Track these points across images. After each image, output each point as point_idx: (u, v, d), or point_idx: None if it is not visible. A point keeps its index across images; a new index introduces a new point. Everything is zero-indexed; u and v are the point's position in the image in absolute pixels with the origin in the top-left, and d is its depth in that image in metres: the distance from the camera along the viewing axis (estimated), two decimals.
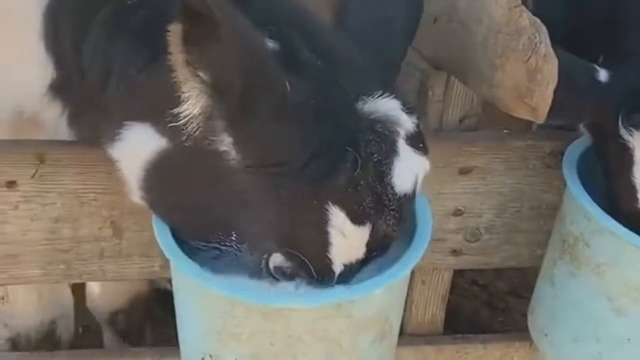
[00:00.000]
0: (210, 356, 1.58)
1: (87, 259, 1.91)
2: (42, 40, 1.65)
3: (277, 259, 1.47)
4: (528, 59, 1.52)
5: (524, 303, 3.14)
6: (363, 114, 1.45)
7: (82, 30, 1.59)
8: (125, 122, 1.54)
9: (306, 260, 1.44)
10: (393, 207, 1.46)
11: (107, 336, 2.45)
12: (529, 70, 1.52)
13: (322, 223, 1.42)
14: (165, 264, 1.94)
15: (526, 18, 1.54)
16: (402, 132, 1.47)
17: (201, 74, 1.35)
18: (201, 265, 1.50)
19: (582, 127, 1.91)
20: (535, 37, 1.51)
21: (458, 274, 2.20)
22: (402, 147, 1.47)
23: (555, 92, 1.52)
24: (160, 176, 1.53)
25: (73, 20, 1.61)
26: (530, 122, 2.18)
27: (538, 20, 1.53)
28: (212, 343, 1.57)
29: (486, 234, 2.08)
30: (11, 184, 1.79)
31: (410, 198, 1.50)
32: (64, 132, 1.77)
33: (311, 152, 1.39)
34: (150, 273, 1.96)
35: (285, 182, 1.40)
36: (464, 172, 1.99)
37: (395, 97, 1.48)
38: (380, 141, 1.44)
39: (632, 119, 1.73)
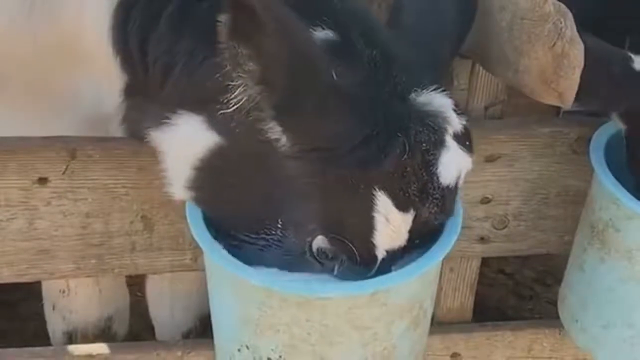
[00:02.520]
0: (247, 347, 1.60)
1: (118, 252, 1.93)
2: (110, 40, 1.68)
3: (320, 242, 1.49)
4: (554, 45, 1.52)
5: (550, 291, 3.16)
6: (416, 104, 1.49)
7: (149, 27, 1.63)
8: (178, 110, 1.57)
9: (350, 245, 1.47)
10: (437, 196, 1.49)
11: None
12: (555, 56, 1.53)
13: (367, 208, 1.45)
14: (195, 257, 1.97)
15: (550, 4, 1.54)
16: (451, 130, 1.50)
17: (249, 65, 1.37)
18: (243, 259, 1.52)
19: (614, 115, 1.90)
20: (561, 23, 1.51)
21: (484, 263, 2.20)
22: (450, 141, 1.50)
23: (590, 80, 1.52)
24: (211, 173, 1.56)
25: (141, 18, 1.64)
26: (556, 111, 2.19)
27: (562, 6, 1.53)
28: (248, 334, 1.58)
29: (514, 221, 2.08)
30: (43, 181, 1.82)
31: (453, 191, 1.53)
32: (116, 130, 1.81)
33: (361, 138, 1.42)
34: (181, 266, 1.98)
35: (334, 167, 1.43)
36: (491, 159, 1.99)
37: (448, 96, 1.51)
38: (429, 132, 1.47)
39: None
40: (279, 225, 1.51)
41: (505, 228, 2.09)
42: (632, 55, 1.77)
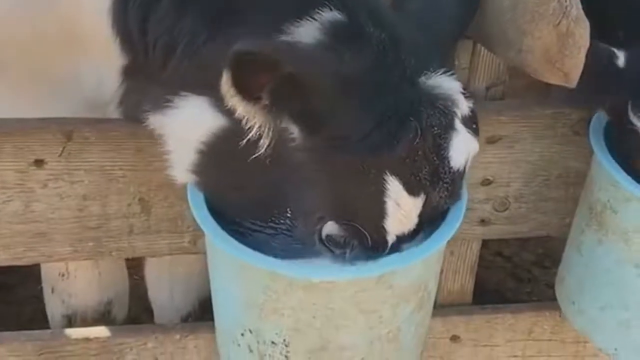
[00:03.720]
0: (251, 331, 1.59)
1: (116, 235, 1.92)
2: (109, 21, 1.65)
3: (330, 228, 1.48)
4: (559, 23, 1.50)
5: (549, 274, 3.15)
6: (426, 87, 1.47)
7: (149, 6, 1.60)
8: (181, 92, 1.55)
9: (362, 230, 1.46)
10: (447, 180, 1.49)
11: None
12: (560, 35, 1.51)
13: (379, 193, 1.44)
14: (194, 239, 1.95)
15: None
16: (459, 113, 1.49)
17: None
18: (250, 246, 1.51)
19: (601, 109, 1.90)
20: (566, 1, 1.49)
21: (483, 245, 2.18)
22: (458, 124, 1.49)
23: None
24: (216, 157, 1.54)
25: None
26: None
27: None
28: (252, 318, 1.58)
29: (515, 203, 2.07)
30: (39, 163, 1.80)
31: (462, 174, 1.53)
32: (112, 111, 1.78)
33: (373, 124, 1.41)
34: (180, 248, 1.97)
35: (346, 154, 1.42)
36: (492, 141, 1.97)
37: (456, 79, 1.50)
38: (440, 116, 1.46)
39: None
40: (288, 213, 1.49)
41: (506, 210, 2.07)
42: (616, 51, 1.76)
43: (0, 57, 1.80)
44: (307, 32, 1.47)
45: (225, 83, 1.35)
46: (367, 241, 1.48)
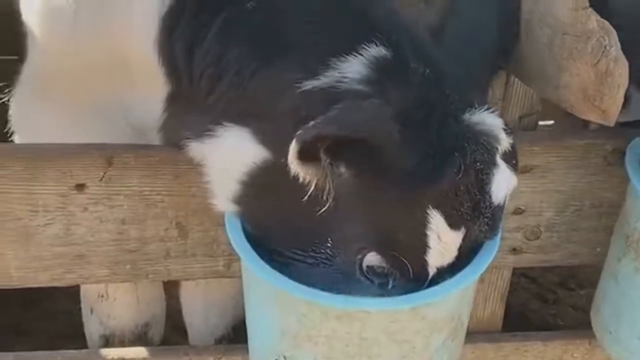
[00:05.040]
0: (285, 357, 1.61)
1: (152, 259, 1.95)
2: (156, 46, 1.68)
3: (371, 259, 1.50)
4: (597, 62, 1.52)
5: (574, 296, 3.15)
6: (469, 123, 1.50)
7: (196, 36, 1.62)
8: (223, 122, 1.57)
9: (405, 262, 1.48)
10: (488, 214, 1.51)
11: None
12: (599, 74, 1.52)
13: (421, 226, 1.47)
14: (229, 264, 1.98)
15: (594, 20, 1.53)
16: (500, 149, 1.51)
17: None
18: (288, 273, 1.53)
19: None
20: (605, 40, 1.50)
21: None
22: (499, 160, 1.51)
23: None
24: (258, 188, 1.56)
25: (188, 27, 1.64)
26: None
27: (607, 23, 1.52)
28: (287, 345, 1.59)
29: (546, 232, 2.08)
30: (80, 187, 1.83)
31: (502, 209, 1.55)
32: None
33: (418, 159, 1.42)
34: (214, 272, 1.99)
35: (390, 188, 1.44)
36: (524, 171, 1.98)
37: (497, 114, 1.53)
38: (483, 151, 1.48)
39: None
40: (329, 243, 1.51)
41: (537, 239, 2.09)
42: None
43: (50, 85, 1.84)
44: (352, 67, 1.49)
45: (292, 157, 1.38)
46: (409, 272, 1.50)
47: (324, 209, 1.45)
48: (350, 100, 1.44)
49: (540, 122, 2.26)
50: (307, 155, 1.38)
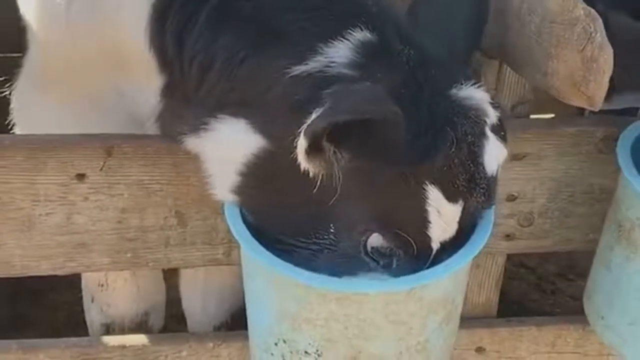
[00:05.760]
0: (284, 341, 1.63)
1: (152, 247, 1.98)
2: (147, 35, 1.69)
3: (375, 240, 1.53)
4: (583, 49, 1.55)
5: (572, 286, 3.18)
6: (457, 99, 1.52)
7: (186, 25, 1.63)
8: (217, 114, 1.59)
9: (409, 239, 1.51)
10: (483, 185, 1.54)
11: None
12: (585, 60, 1.55)
13: (420, 202, 1.50)
14: (228, 251, 2.01)
15: (580, 8, 1.56)
16: (489, 122, 1.55)
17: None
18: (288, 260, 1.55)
19: None
20: (590, 27, 1.53)
21: (506, 257, 2.23)
22: (489, 133, 1.55)
23: (627, 62, 1.54)
24: (257, 177, 1.57)
25: (178, 15, 1.65)
26: (580, 109, 2.22)
27: (592, 11, 1.55)
28: (286, 328, 1.62)
29: (539, 218, 2.11)
30: (81, 177, 1.87)
31: (495, 179, 1.58)
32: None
33: (411, 138, 1.45)
34: (213, 260, 2.02)
35: (387, 169, 1.47)
36: (517, 158, 2.02)
37: (483, 89, 1.56)
38: (472, 125, 1.51)
39: None
40: (331, 228, 1.54)
41: (530, 225, 2.11)
42: None
43: (48, 77, 1.87)
44: (339, 52, 1.52)
45: (301, 154, 1.42)
46: (413, 250, 1.52)
47: (333, 197, 1.47)
48: (342, 85, 1.47)
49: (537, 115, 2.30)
50: (314, 148, 1.41)
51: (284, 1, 1.60)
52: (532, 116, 2.15)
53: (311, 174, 1.46)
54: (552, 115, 3.01)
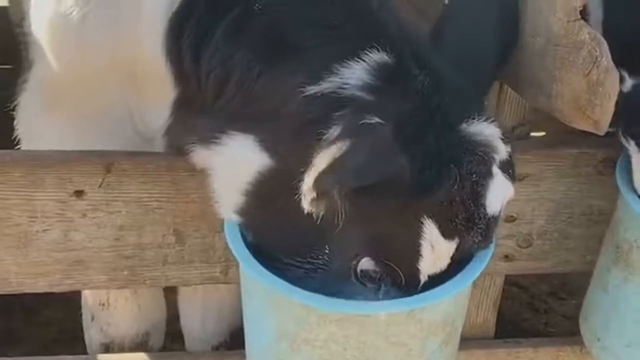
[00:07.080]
0: None
1: (150, 265, 1.97)
2: (164, 48, 1.68)
3: (365, 264, 1.52)
4: (589, 72, 1.55)
5: (565, 305, 3.17)
6: (466, 134, 1.50)
7: (204, 39, 1.62)
8: (229, 130, 1.58)
9: (397, 269, 1.50)
10: (481, 226, 1.52)
11: None
12: (590, 84, 1.55)
13: (415, 235, 1.48)
14: (226, 270, 2.00)
15: (586, 32, 1.56)
16: (497, 159, 1.52)
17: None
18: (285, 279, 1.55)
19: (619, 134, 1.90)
20: (596, 51, 1.53)
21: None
22: (496, 171, 1.52)
23: None
24: (261, 197, 1.57)
25: (195, 29, 1.64)
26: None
27: (598, 34, 1.56)
28: (284, 349, 1.61)
29: (538, 239, 2.11)
30: (79, 193, 1.86)
31: (496, 220, 1.56)
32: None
33: (415, 169, 1.43)
34: (211, 278, 2.01)
35: (387, 198, 1.45)
36: (517, 179, 1.96)
37: (495, 124, 1.54)
38: (479, 163, 1.49)
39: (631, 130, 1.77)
40: (326, 250, 1.53)
41: (529, 246, 2.11)
42: (626, 75, 1.77)
43: (58, 93, 1.86)
44: (354, 73, 1.50)
45: (307, 201, 1.41)
46: (401, 280, 1.52)
47: (337, 229, 1.46)
48: (353, 117, 1.45)
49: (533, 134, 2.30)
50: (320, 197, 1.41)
51: (301, 17, 1.58)
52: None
53: (314, 215, 1.45)
54: (544, 134, 3.00)
